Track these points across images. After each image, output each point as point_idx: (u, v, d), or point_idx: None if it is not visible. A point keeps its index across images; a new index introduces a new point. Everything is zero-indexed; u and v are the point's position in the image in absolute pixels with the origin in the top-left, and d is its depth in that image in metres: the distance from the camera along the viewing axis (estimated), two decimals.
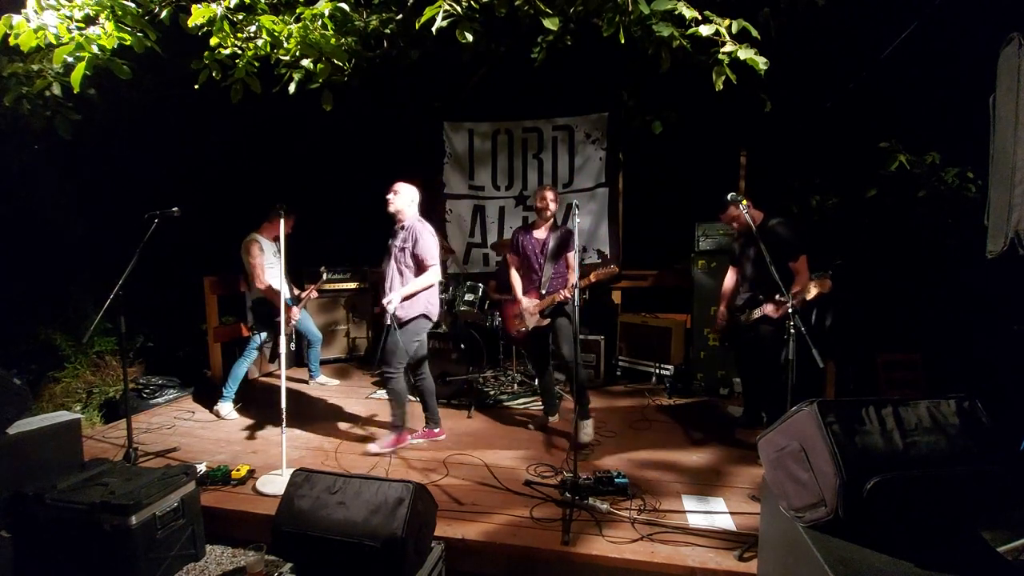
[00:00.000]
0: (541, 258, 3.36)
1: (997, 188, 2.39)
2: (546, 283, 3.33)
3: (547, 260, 3.34)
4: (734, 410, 3.85)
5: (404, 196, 3.21)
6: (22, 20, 2.76)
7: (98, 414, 4.19)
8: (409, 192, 3.23)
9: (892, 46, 3.90)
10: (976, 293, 3.68)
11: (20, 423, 2.45)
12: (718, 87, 2.80)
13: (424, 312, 3.15)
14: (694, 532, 2.34)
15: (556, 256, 3.34)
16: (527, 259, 3.43)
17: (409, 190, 3.23)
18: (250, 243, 3.87)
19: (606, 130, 5.21)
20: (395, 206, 3.18)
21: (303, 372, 4.89)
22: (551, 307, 3.30)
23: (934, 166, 3.92)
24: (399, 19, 3.62)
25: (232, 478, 2.80)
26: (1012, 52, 2.28)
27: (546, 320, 3.32)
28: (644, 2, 2.68)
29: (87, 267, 5.08)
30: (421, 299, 3.14)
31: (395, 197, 3.18)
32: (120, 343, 3.52)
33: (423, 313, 3.15)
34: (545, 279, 3.34)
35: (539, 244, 3.40)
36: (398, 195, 3.19)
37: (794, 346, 2.39)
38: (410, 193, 3.23)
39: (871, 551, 1.39)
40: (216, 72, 3.12)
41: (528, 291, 3.43)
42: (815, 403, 1.51)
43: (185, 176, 5.62)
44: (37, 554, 2.19)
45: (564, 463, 3.02)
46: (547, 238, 3.38)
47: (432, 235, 3.17)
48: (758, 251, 2.86)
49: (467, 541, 2.30)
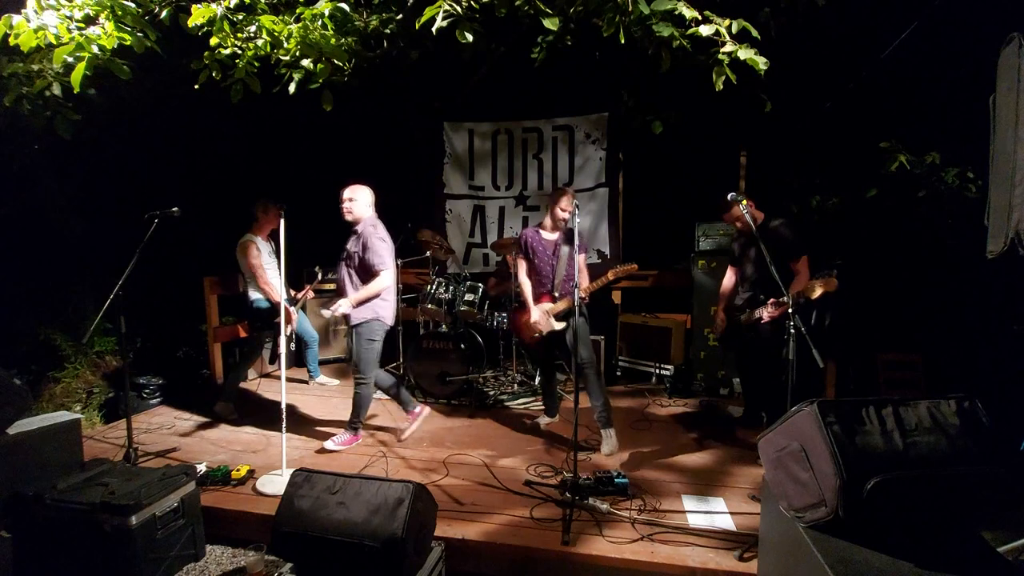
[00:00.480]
0: (554, 260, 3.26)
1: (997, 188, 2.39)
2: (559, 286, 3.24)
3: (559, 262, 3.24)
4: (734, 410, 3.85)
5: (361, 201, 3.18)
6: (22, 20, 2.76)
7: (98, 414, 4.19)
8: (365, 196, 3.20)
9: (892, 46, 3.91)
10: (976, 293, 3.68)
11: (20, 423, 2.45)
12: (718, 87, 2.79)
13: (376, 316, 3.16)
14: (694, 532, 2.33)
15: (569, 258, 3.21)
16: (538, 262, 3.30)
17: (365, 193, 3.21)
18: (247, 244, 3.84)
19: (606, 130, 5.21)
20: (354, 214, 3.18)
21: (303, 372, 4.89)
22: (567, 310, 3.17)
23: (934, 166, 3.92)
24: (399, 19, 3.62)
25: (232, 478, 2.80)
26: (1012, 52, 2.28)
27: (562, 324, 3.22)
28: (644, 2, 2.68)
29: (87, 267, 5.08)
30: (372, 303, 3.15)
31: (352, 204, 3.16)
32: (120, 343, 3.52)
33: (375, 317, 3.16)
34: (558, 281, 3.24)
35: (551, 246, 3.29)
36: (355, 201, 3.16)
37: (794, 346, 2.39)
38: (366, 196, 3.21)
39: (871, 551, 1.39)
40: (216, 72, 3.12)
41: (539, 295, 3.32)
42: (815, 403, 1.51)
43: (185, 176, 5.63)
44: (37, 554, 2.19)
45: (564, 463, 3.02)
46: (558, 239, 3.28)
47: (383, 239, 3.14)
48: (759, 251, 2.86)
49: (467, 541, 2.30)
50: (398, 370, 4.79)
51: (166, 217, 3.07)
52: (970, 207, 3.71)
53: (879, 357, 3.96)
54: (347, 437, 3.32)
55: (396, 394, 3.45)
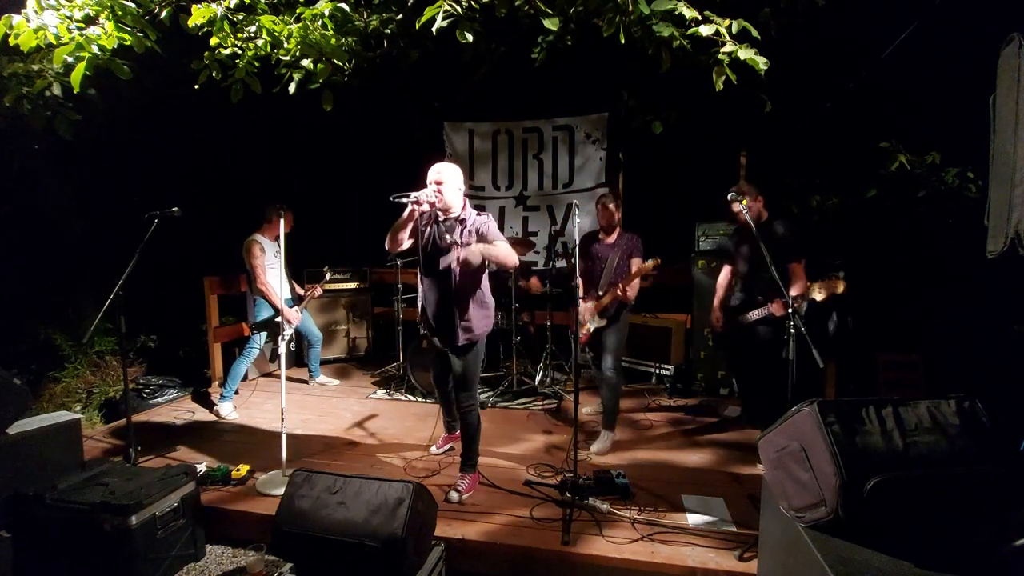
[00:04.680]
0: (602, 263, 3.36)
1: (997, 188, 2.39)
2: (603, 286, 3.32)
3: (607, 265, 3.32)
4: (733, 410, 3.85)
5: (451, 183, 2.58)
6: (22, 20, 2.76)
7: (98, 414, 4.18)
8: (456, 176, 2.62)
9: (892, 46, 3.90)
10: (976, 293, 3.68)
11: (20, 423, 2.45)
12: (718, 87, 2.79)
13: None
14: (694, 532, 2.34)
15: (619, 262, 3.31)
16: (589, 263, 3.41)
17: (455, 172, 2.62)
18: (251, 244, 3.88)
19: (606, 130, 5.20)
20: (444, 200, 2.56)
21: (303, 372, 4.89)
22: (610, 306, 3.26)
23: (934, 166, 3.92)
24: (399, 19, 3.62)
25: (232, 478, 2.80)
26: (1012, 52, 2.28)
27: (603, 321, 3.30)
28: (644, 2, 2.67)
29: (87, 267, 5.09)
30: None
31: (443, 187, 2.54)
32: (120, 343, 3.52)
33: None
34: (603, 282, 3.31)
35: (605, 250, 3.38)
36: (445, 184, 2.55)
37: (794, 346, 2.38)
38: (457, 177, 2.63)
39: (871, 551, 1.39)
40: (216, 72, 3.12)
41: (588, 295, 3.39)
42: (815, 403, 1.51)
43: (185, 176, 5.63)
44: (37, 554, 2.19)
45: (564, 463, 3.02)
46: (612, 243, 3.37)
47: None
48: (755, 250, 2.85)
49: (467, 541, 2.30)
50: (399, 370, 4.80)
51: (166, 217, 3.07)
52: (970, 207, 3.71)
53: (879, 357, 3.96)
54: (468, 481, 2.75)
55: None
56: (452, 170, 2.58)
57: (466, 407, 2.71)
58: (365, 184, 5.49)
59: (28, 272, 4.88)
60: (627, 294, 3.11)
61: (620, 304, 3.23)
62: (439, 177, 2.52)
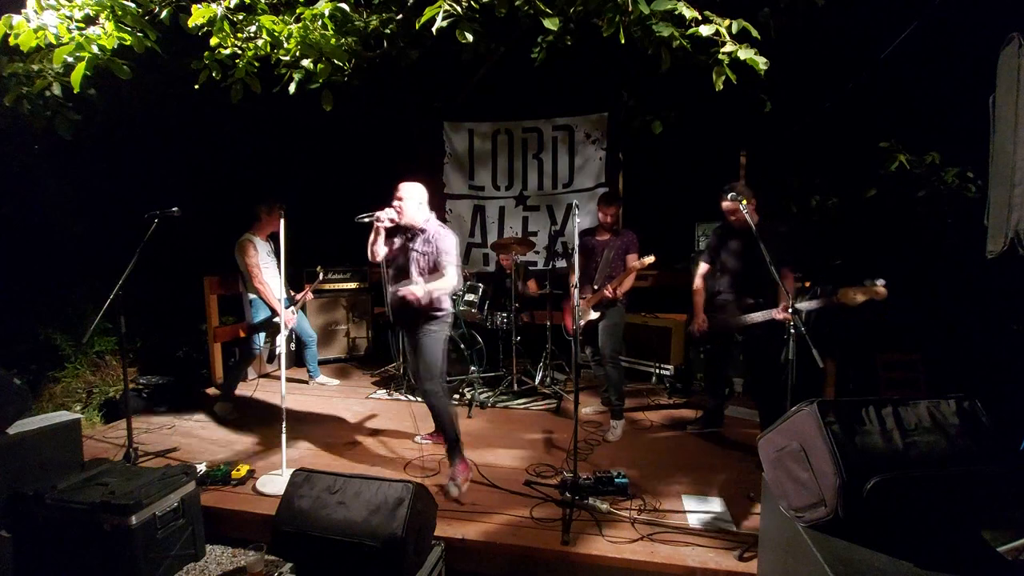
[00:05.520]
0: (598, 259, 3.53)
1: (997, 188, 2.39)
2: (599, 280, 3.48)
3: (602, 261, 3.50)
4: (733, 410, 3.85)
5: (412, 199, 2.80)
6: (22, 20, 2.76)
7: (98, 414, 4.18)
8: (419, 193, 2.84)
9: (892, 46, 3.91)
10: (976, 293, 3.68)
11: (20, 423, 2.45)
12: (718, 87, 2.79)
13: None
14: (694, 532, 2.34)
15: (615, 257, 3.49)
16: (590, 258, 3.56)
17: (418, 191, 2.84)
18: (245, 243, 3.84)
19: (606, 130, 5.20)
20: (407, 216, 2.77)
21: (303, 372, 4.89)
22: (601, 303, 3.43)
23: (934, 166, 3.93)
24: (399, 19, 3.62)
25: (232, 478, 2.80)
26: (1012, 52, 2.28)
27: (596, 314, 3.45)
28: (644, 2, 2.67)
29: (87, 267, 5.08)
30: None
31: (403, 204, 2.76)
32: (120, 343, 3.52)
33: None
34: (599, 276, 3.48)
35: (600, 246, 3.55)
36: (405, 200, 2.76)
37: (794, 346, 2.38)
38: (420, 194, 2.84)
39: (871, 551, 1.39)
40: (216, 72, 3.12)
41: (584, 289, 3.53)
42: (815, 403, 1.52)
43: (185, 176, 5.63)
44: (37, 554, 2.19)
45: (564, 463, 3.02)
46: (607, 241, 3.54)
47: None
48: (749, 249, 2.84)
49: (467, 541, 2.30)
50: (397, 370, 4.80)
51: (166, 217, 3.07)
52: (970, 207, 3.72)
53: (879, 357, 3.95)
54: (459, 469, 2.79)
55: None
56: (413, 187, 2.83)
57: (427, 391, 2.80)
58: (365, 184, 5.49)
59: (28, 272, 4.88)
60: (616, 294, 3.33)
61: (613, 299, 3.39)
62: (400, 193, 2.79)
